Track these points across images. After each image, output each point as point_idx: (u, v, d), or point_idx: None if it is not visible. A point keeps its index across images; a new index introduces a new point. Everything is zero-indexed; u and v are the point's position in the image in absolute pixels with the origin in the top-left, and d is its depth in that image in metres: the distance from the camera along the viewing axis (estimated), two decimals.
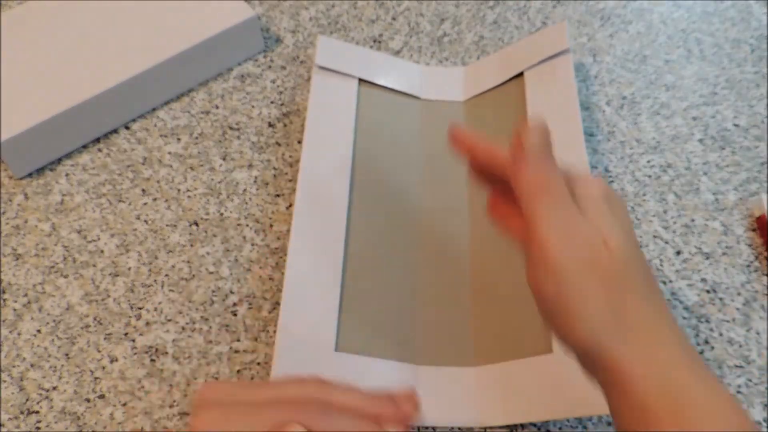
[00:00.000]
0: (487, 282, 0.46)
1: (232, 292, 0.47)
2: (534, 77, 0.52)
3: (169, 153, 0.53)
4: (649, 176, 0.51)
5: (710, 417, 0.28)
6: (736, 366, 0.43)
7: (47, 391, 0.43)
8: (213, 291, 0.47)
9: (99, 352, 0.44)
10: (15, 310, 0.46)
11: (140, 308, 0.46)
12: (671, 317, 0.31)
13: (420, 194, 0.50)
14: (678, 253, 0.48)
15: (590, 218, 0.30)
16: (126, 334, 0.45)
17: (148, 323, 0.45)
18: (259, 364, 0.44)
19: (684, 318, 0.45)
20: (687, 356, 0.29)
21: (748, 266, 0.47)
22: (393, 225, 0.48)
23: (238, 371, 0.43)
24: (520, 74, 0.53)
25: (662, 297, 0.31)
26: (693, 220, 0.49)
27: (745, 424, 0.28)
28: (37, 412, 0.42)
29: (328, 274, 0.45)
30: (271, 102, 0.56)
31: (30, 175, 0.52)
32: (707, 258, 0.47)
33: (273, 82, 0.57)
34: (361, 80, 0.54)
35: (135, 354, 0.44)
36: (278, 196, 0.51)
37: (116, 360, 0.44)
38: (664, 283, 0.46)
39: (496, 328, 0.44)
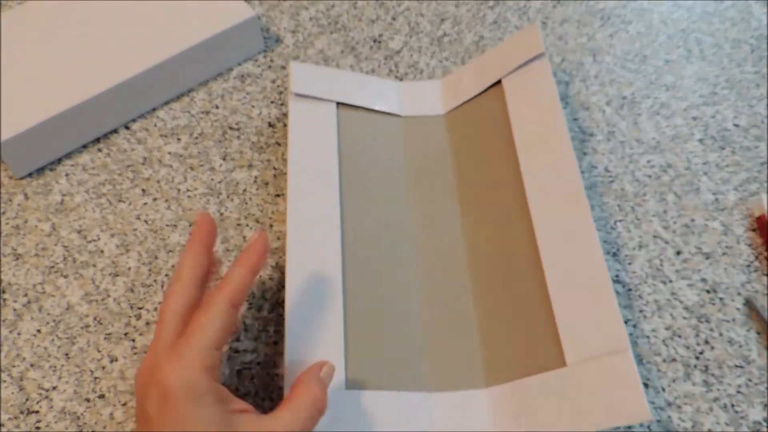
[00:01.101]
0: (490, 297, 0.45)
1: None
2: (513, 84, 0.52)
3: (169, 153, 0.53)
4: (649, 176, 0.51)
5: None
6: (736, 366, 0.43)
7: (47, 391, 0.43)
8: None
9: (99, 352, 0.44)
10: (15, 310, 0.46)
11: (140, 308, 0.46)
12: None
13: (412, 215, 0.49)
14: (678, 253, 0.48)
15: None
16: (126, 334, 0.45)
17: (148, 323, 0.45)
18: (259, 364, 0.44)
19: (684, 318, 0.45)
20: None
21: (748, 266, 0.47)
22: (388, 250, 0.47)
23: (238, 371, 0.43)
24: (499, 82, 0.53)
25: None
26: (693, 220, 0.49)
27: None
28: (37, 411, 0.42)
29: (329, 313, 0.44)
30: (271, 102, 0.56)
31: (30, 175, 0.52)
32: (707, 258, 0.47)
33: (273, 82, 0.57)
34: (339, 104, 0.53)
35: (135, 354, 0.44)
36: (278, 196, 0.51)
37: (116, 360, 0.44)
38: (664, 283, 0.46)
39: (504, 344, 0.43)
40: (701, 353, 0.44)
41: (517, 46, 0.53)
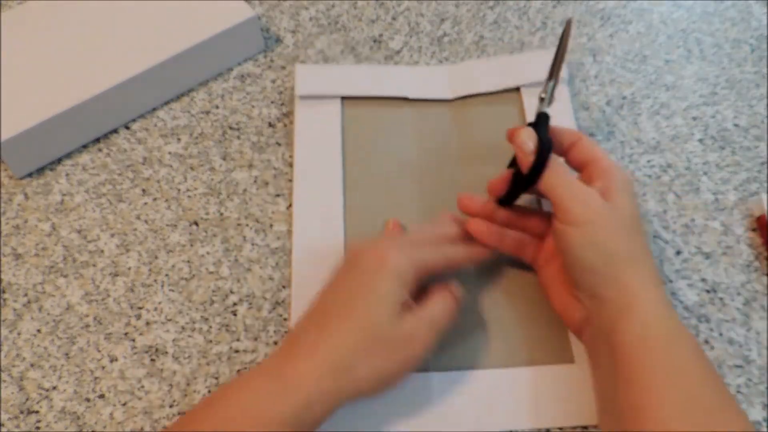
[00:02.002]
0: (497, 285, 0.46)
1: (232, 292, 0.47)
2: (533, 95, 0.53)
3: (169, 153, 0.53)
4: (649, 176, 0.51)
5: (689, 338, 0.38)
6: (736, 366, 0.43)
7: (47, 390, 0.43)
8: (213, 291, 0.47)
9: (99, 351, 0.44)
10: (15, 310, 0.46)
11: (140, 308, 0.46)
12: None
13: (418, 210, 0.49)
14: (678, 253, 0.48)
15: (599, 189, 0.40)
16: (126, 334, 0.45)
17: (148, 323, 0.45)
18: (259, 364, 0.44)
19: (684, 318, 0.45)
20: (664, 293, 0.39)
21: (748, 266, 0.47)
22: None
23: (238, 371, 0.43)
24: (516, 89, 0.55)
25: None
26: (693, 220, 0.49)
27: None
28: (37, 411, 0.42)
29: None
30: (271, 102, 0.56)
31: (30, 175, 0.52)
32: (707, 258, 0.47)
33: (273, 82, 0.57)
34: (344, 98, 0.54)
35: (135, 354, 0.44)
36: (278, 196, 0.51)
37: (116, 360, 0.44)
38: (664, 282, 0.46)
39: (512, 333, 0.44)
40: None
41: (542, 62, 0.52)
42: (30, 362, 0.44)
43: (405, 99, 0.54)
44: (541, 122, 0.43)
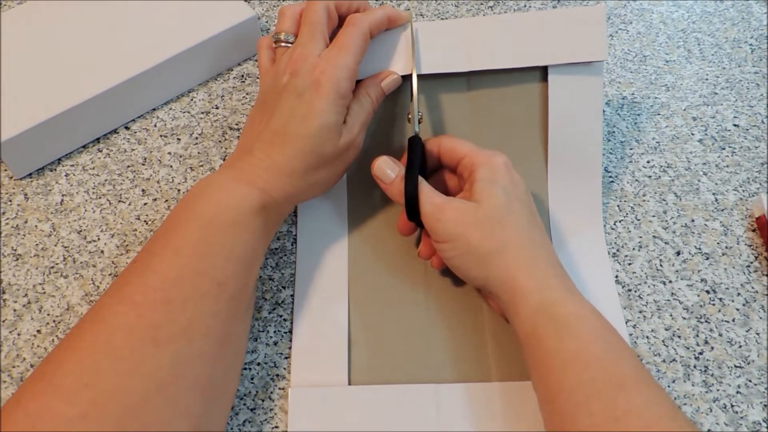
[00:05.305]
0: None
1: None
2: (560, 82, 0.46)
3: (169, 153, 0.53)
4: (649, 176, 0.51)
5: (578, 321, 0.37)
6: (736, 366, 0.43)
7: None
8: None
9: None
10: (15, 310, 0.46)
11: None
12: (548, 244, 0.41)
13: None
14: (678, 253, 0.48)
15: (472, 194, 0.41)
16: None
17: None
18: (259, 364, 0.44)
19: (684, 318, 0.45)
20: (558, 271, 0.39)
21: (748, 266, 0.47)
22: (394, 243, 0.47)
23: None
24: (543, 68, 0.46)
25: (543, 230, 0.41)
26: (693, 220, 0.49)
27: (606, 324, 0.37)
28: None
29: (334, 307, 0.45)
30: None
31: (30, 175, 0.52)
32: (707, 258, 0.47)
33: None
34: None
35: None
36: None
37: None
38: (664, 283, 0.46)
39: (514, 346, 0.43)
40: (701, 354, 0.44)
41: (576, 33, 0.45)
42: (30, 363, 0.44)
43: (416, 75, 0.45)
44: (412, 148, 0.42)
